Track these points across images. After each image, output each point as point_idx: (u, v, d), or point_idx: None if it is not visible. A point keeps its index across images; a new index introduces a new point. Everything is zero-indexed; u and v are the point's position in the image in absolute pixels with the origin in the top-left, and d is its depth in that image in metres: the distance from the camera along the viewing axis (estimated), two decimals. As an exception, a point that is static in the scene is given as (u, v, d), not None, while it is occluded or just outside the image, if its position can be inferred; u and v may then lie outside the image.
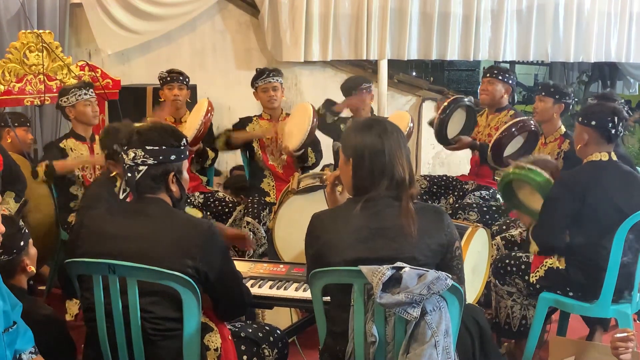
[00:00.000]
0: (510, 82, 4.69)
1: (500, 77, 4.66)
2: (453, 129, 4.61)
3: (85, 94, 4.30)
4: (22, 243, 2.65)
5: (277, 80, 4.82)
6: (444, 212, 2.41)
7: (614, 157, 3.34)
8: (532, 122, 4.27)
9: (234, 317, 2.68)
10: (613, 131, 3.28)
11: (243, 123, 4.93)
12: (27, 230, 2.70)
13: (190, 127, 4.47)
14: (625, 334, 2.55)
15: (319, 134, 4.83)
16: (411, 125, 4.62)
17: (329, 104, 5.11)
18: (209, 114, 4.50)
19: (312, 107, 4.56)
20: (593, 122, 3.30)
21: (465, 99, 4.57)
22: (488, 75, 4.73)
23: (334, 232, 2.32)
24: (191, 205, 4.56)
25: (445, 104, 4.53)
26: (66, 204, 4.31)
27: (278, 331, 2.75)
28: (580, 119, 3.38)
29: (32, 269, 2.70)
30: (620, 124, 3.29)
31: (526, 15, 6.50)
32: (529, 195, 3.55)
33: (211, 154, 4.85)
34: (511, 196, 3.64)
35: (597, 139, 3.31)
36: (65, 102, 4.29)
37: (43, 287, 4.48)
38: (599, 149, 3.32)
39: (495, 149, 4.23)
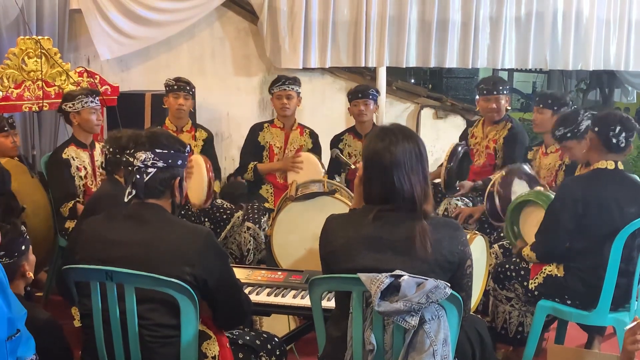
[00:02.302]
0: (502, 94, 4.70)
1: (495, 93, 4.67)
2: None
3: (92, 101, 4.28)
4: (23, 247, 2.66)
5: (293, 88, 4.87)
6: (459, 229, 2.32)
7: (621, 167, 3.32)
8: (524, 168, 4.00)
9: (234, 326, 2.67)
10: (614, 140, 3.25)
11: (254, 132, 4.92)
12: (27, 236, 2.71)
13: (197, 188, 4.04)
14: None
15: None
16: None
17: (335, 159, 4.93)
18: (210, 172, 4.08)
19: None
20: (596, 128, 3.31)
21: (459, 148, 4.44)
22: (480, 93, 4.78)
23: (346, 237, 2.29)
24: (189, 212, 4.55)
25: (447, 156, 4.39)
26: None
27: (276, 339, 2.75)
28: (590, 122, 3.44)
29: (31, 274, 2.71)
30: (622, 135, 3.25)
31: (525, 22, 6.48)
32: (528, 216, 3.57)
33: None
34: (515, 220, 3.64)
35: (597, 145, 3.30)
36: (70, 107, 4.26)
37: (40, 294, 4.46)
38: (600, 157, 3.30)
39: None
